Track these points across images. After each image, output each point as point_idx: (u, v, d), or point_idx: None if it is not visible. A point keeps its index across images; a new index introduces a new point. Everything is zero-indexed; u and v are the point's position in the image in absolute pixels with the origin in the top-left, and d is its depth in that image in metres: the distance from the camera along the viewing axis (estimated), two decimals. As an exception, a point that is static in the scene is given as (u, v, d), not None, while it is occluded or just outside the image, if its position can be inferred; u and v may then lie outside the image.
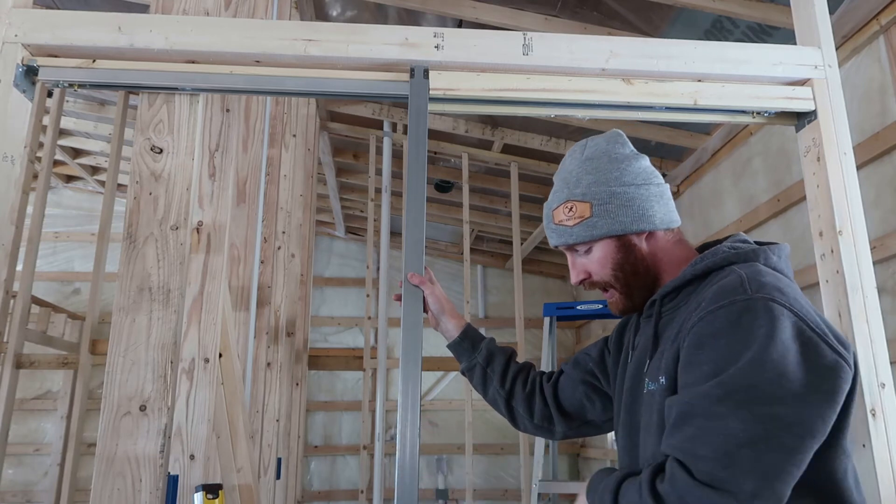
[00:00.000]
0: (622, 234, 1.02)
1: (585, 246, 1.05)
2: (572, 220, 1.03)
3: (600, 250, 1.03)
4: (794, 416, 0.80)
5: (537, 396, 1.26)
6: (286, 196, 2.94)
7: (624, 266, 1.02)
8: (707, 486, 0.78)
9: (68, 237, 6.01)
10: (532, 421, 1.27)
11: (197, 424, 1.45)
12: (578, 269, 1.07)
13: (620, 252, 1.03)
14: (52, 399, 5.44)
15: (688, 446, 0.82)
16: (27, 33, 1.33)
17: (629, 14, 2.81)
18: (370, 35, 1.40)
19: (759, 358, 0.81)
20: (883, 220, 2.30)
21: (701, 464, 0.80)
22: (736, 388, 0.81)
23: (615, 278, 1.03)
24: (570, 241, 1.05)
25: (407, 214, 1.34)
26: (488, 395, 1.31)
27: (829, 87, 1.45)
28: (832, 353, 0.84)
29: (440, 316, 1.31)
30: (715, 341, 0.85)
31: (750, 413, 0.80)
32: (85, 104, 4.64)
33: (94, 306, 3.42)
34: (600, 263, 1.04)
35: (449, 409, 5.82)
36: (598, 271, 1.05)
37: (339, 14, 3.30)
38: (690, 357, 0.87)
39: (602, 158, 1.06)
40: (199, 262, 1.52)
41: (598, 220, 1.02)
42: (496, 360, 1.30)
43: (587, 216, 1.02)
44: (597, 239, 1.03)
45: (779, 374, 0.81)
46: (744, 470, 0.78)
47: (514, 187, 4.41)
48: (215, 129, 1.59)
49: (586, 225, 1.02)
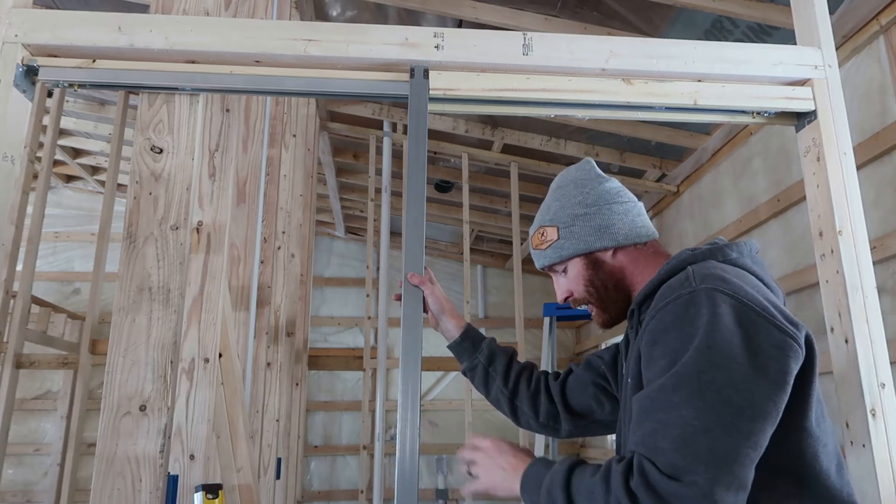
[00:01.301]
0: (589, 252, 1.10)
1: (561, 266, 1.14)
2: (544, 244, 1.14)
3: (573, 269, 1.13)
4: (745, 399, 0.82)
5: (542, 395, 1.28)
6: (286, 196, 2.94)
7: (594, 282, 1.10)
8: (672, 478, 0.79)
9: (68, 237, 6.01)
10: (537, 419, 1.28)
11: (197, 424, 1.44)
12: (561, 288, 1.16)
13: (589, 269, 1.11)
14: (52, 399, 5.44)
15: (650, 440, 0.84)
16: (27, 33, 1.33)
17: (629, 14, 2.81)
18: (370, 35, 1.40)
19: (704, 345, 0.84)
20: (883, 220, 2.30)
21: (663, 456, 0.81)
22: (687, 377, 0.84)
23: (589, 294, 1.12)
24: (544, 262, 1.15)
25: (407, 214, 1.34)
26: (491, 394, 1.31)
27: (829, 87, 1.45)
28: (779, 333, 0.86)
29: (440, 316, 1.31)
30: (665, 336, 0.88)
31: (702, 400, 0.82)
32: (85, 104, 4.64)
33: (94, 306, 3.42)
34: (575, 282, 1.13)
35: (449, 409, 5.82)
36: (575, 289, 1.13)
37: (339, 14, 3.30)
38: (647, 355, 0.91)
39: (569, 186, 1.16)
40: (199, 262, 1.52)
41: (565, 242, 1.11)
42: (498, 359, 1.30)
43: (555, 239, 1.12)
44: (566, 259, 1.12)
45: (726, 359, 0.83)
46: (701, 458, 0.80)
47: (514, 187, 4.41)
48: (215, 129, 1.59)
49: (556, 247, 1.12)
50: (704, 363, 0.83)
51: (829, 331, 1.36)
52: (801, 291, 2.80)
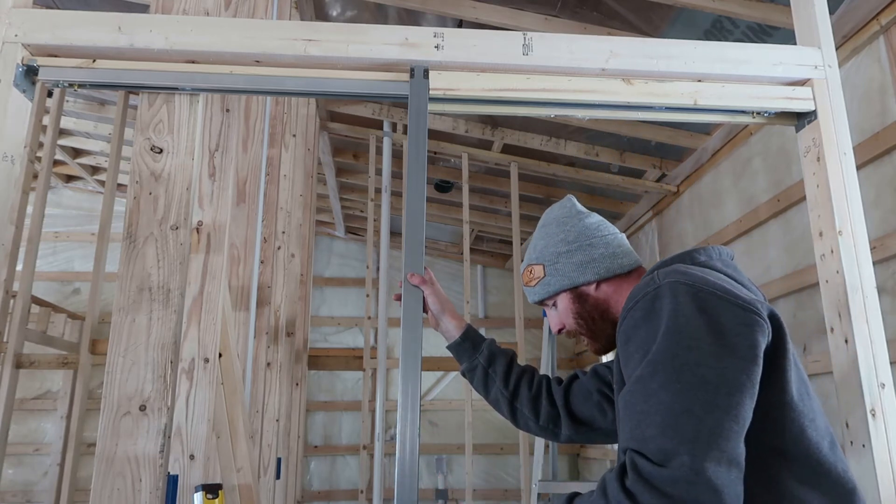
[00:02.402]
0: (574, 287, 1.15)
1: (550, 300, 1.19)
2: (533, 280, 1.20)
3: (562, 303, 1.18)
4: (718, 376, 0.84)
5: (544, 398, 1.29)
6: (286, 196, 2.94)
7: (582, 314, 1.15)
8: (661, 465, 0.80)
9: (68, 237, 6.01)
10: (537, 422, 1.29)
11: (197, 424, 1.45)
12: (553, 321, 1.21)
13: (576, 303, 1.16)
14: (52, 399, 5.44)
15: (637, 432, 0.85)
16: (27, 33, 1.33)
17: (629, 14, 2.81)
18: (370, 35, 1.40)
19: (671, 331, 0.87)
20: (883, 220, 2.30)
21: (651, 444, 0.82)
22: (659, 363, 0.86)
23: (579, 325, 1.16)
24: (534, 298, 1.21)
25: (407, 214, 1.34)
26: (490, 395, 1.31)
27: (829, 87, 1.45)
28: (742, 312, 0.89)
29: (440, 316, 1.31)
30: (636, 331, 0.92)
31: (678, 383, 0.84)
32: (85, 104, 4.64)
33: (94, 306, 3.42)
34: (565, 315, 1.18)
35: (449, 409, 5.82)
36: (566, 322, 1.18)
37: (339, 14, 3.30)
38: (623, 353, 0.94)
39: (551, 224, 1.21)
40: (199, 262, 1.52)
41: (551, 279, 1.17)
42: (498, 361, 1.30)
43: (542, 276, 1.18)
44: (553, 294, 1.17)
45: (694, 340, 0.86)
46: (686, 437, 0.80)
47: (514, 187, 4.41)
48: (215, 129, 1.59)
49: (543, 284, 1.18)
50: (675, 347, 0.86)
51: (829, 331, 1.36)
52: (801, 291, 2.80)
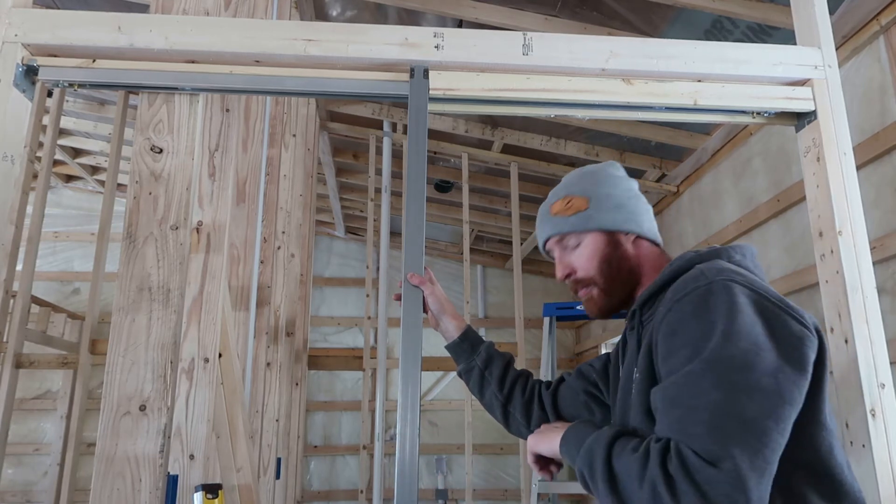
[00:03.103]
0: (613, 231, 1.09)
1: (576, 238, 1.11)
2: (569, 210, 1.11)
3: (589, 244, 1.10)
4: (772, 383, 0.83)
5: (536, 403, 1.28)
6: (286, 196, 2.94)
7: (611, 261, 1.08)
8: (709, 463, 0.79)
9: (68, 237, 6.01)
10: (528, 427, 1.28)
11: (196, 424, 1.44)
12: (564, 265, 1.13)
13: (608, 247, 1.09)
14: (52, 399, 5.44)
15: (681, 427, 0.84)
16: (27, 33, 1.33)
17: (629, 14, 2.81)
18: (370, 35, 1.40)
19: (729, 331, 0.85)
20: (883, 220, 2.30)
21: (697, 441, 0.81)
22: (714, 362, 0.84)
23: (600, 272, 1.09)
24: (564, 229, 1.11)
25: (407, 214, 1.34)
26: (485, 398, 1.31)
27: (829, 87, 1.45)
28: (796, 323, 0.88)
29: (440, 316, 1.31)
30: (686, 325, 0.89)
31: (731, 384, 0.82)
32: (85, 104, 4.64)
33: (93, 306, 3.42)
34: (587, 258, 1.09)
35: (449, 409, 5.82)
36: (583, 266, 1.10)
37: (339, 14, 3.30)
38: (666, 346, 0.91)
39: (600, 173, 1.16)
40: (199, 262, 1.52)
41: (594, 213, 1.09)
42: (495, 363, 1.30)
43: (584, 208, 1.10)
44: (589, 230, 1.09)
45: (752, 344, 0.84)
46: (735, 441, 0.80)
47: (513, 187, 4.41)
48: (215, 128, 1.59)
49: (582, 216, 1.10)
50: (733, 349, 0.84)
51: (829, 331, 1.36)
52: (801, 291, 2.80)
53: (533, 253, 5.85)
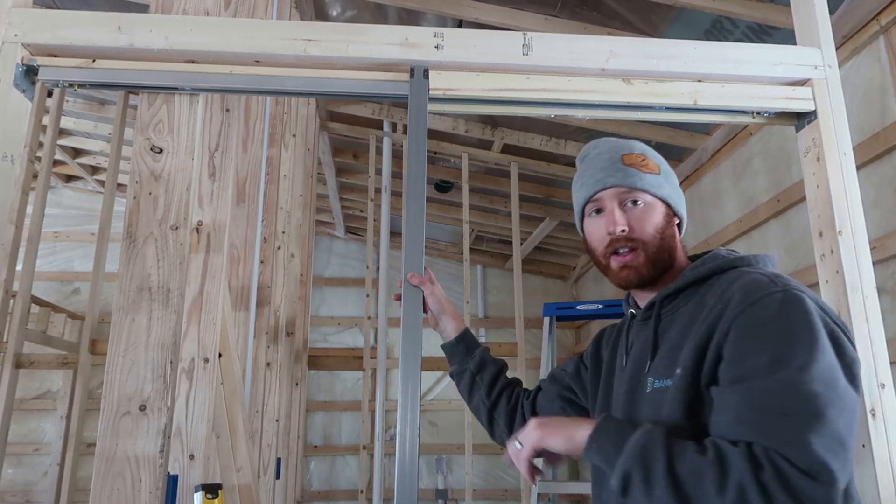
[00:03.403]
0: (673, 208, 1.07)
1: (643, 198, 1.04)
2: (645, 168, 1.06)
3: (654, 209, 1.04)
4: (851, 402, 0.82)
5: (518, 412, 1.27)
6: (286, 196, 2.94)
7: (664, 236, 1.04)
8: (809, 476, 0.77)
9: (68, 237, 6.01)
10: (510, 434, 1.27)
11: (197, 424, 1.44)
12: (623, 219, 1.03)
13: (665, 221, 1.05)
14: (52, 399, 5.44)
15: (772, 434, 0.80)
16: (27, 33, 1.33)
17: (629, 14, 2.81)
18: (370, 35, 1.40)
19: (812, 344, 0.83)
20: (883, 220, 2.30)
21: (793, 451, 0.78)
22: (804, 372, 0.81)
23: (654, 241, 1.03)
24: (636, 184, 1.04)
25: (407, 214, 1.34)
26: (472, 402, 1.31)
27: (829, 87, 1.45)
28: (851, 346, 0.88)
29: (440, 316, 1.31)
30: (762, 330, 0.86)
31: (825, 399, 0.80)
32: (85, 104, 4.64)
33: (93, 306, 3.42)
34: (649, 222, 1.03)
35: (449, 409, 5.82)
36: (643, 229, 1.03)
37: (339, 14, 3.30)
38: (740, 349, 0.87)
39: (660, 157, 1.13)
40: (199, 262, 1.52)
41: (665, 183, 1.07)
42: (487, 369, 1.30)
43: (657, 173, 1.06)
44: (657, 197, 1.05)
45: (830, 361, 0.83)
46: (833, 455, 0.78)
47: (513, 187, 4.41)
48: (215, 128, 1.59)
49: (656, 179, 1.06)
50: (820, 363, 0.82)
51: (828, 331, 1.36)
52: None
53: (533, 253, 5.85)
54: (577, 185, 1.12)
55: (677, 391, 0.91)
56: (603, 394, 1.11)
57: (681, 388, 0.90)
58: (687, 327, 0.95)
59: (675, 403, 0.90)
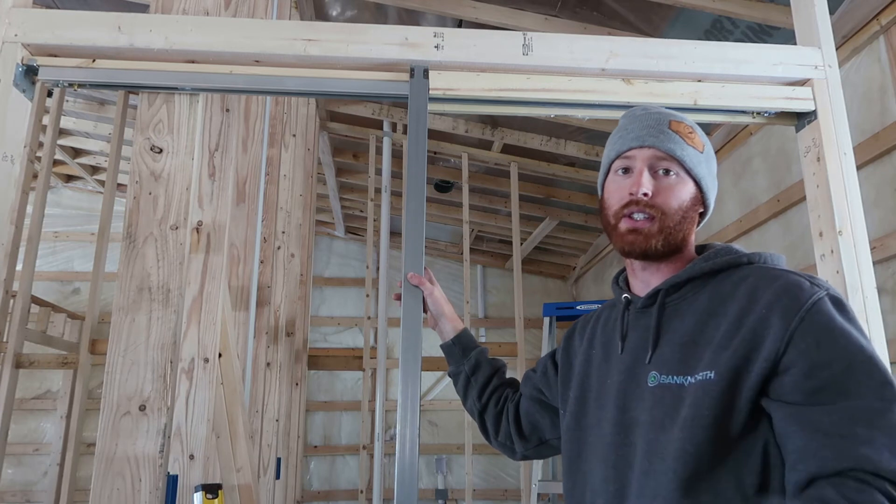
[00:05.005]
0: (702, 192, 1.01)
1: (677, 169, 0.99)
2: (689, 140, 1.00)
3: (684, 185, 0.99)
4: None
5: (504, 415, 1.26)
6: (286, 196, 2.94)
7: (687, 215, 0.99)
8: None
9: (68, 237, 6.01)
10: (497, 438, 1.27)
11: (196, 424, 1.44)
12: (650, 184, 0.98)
13: (691, 202, 0.99)
14: (52, 399, 5.44)
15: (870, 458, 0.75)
16: (27, 33, 1.33)
17: (629, 14, 2.81)
18: (370, 35, 1.40)
19: (873, 356, 0.82)
20: (883, 220, 2.30)
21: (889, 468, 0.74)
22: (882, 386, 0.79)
23: (674, 215, 0.97)
24: (676, 153, 0.99)
25: (407, 214, 1.34)
26: (467, 403, 1.31)
27: (829, 87, 1.45)
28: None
29: (439, 317, 1.31)
30: (830, 338, 0.82)
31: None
32: (85, 104, 4.64)
33: (93, 306, 3.42)
34: (675, 195, 0.98)
35: (449, 409, 5.82)
36: (667, 198, 0.98)
37: (339, 14, 3.30)
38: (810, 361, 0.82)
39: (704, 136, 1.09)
40: (199, 262, 1.52)
41: (703, 162, 1.01)
42: (481, 371, 1.29)
43: (700, 150, 1.01)
44: (692, 174, 1.00)
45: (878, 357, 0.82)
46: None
47: (513, 187, 4.41)
48: (215, 128, 1.59)
49: (697, 156, 1.00)
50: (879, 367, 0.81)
51: (828, 331, 1.36)
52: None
53: (533, 253, 5.86)
54: (613, 138, 1.05)
55: (706, 395, 0.85)
56: (579, 386, 1.05)
57: (712, 394, 0.84)
58: (704, 323, 0.90)
59: (701, 407, 0.84)
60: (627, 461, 0.92)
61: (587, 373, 1.05)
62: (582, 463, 0.99)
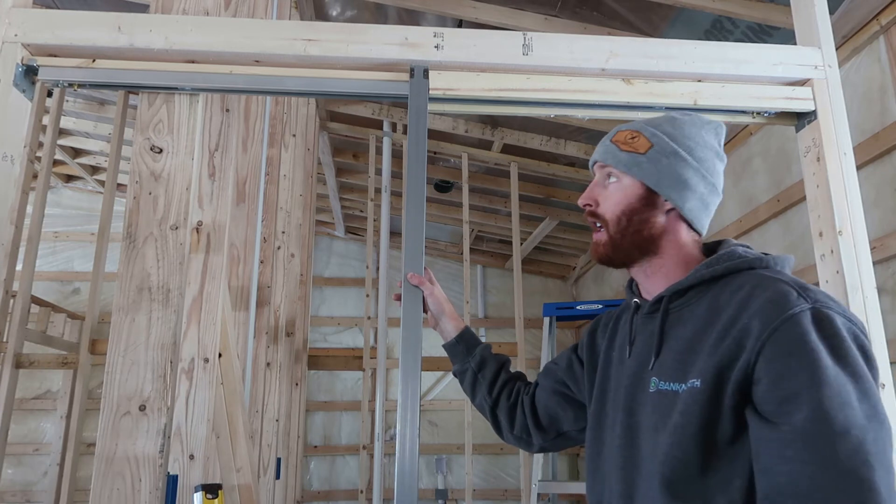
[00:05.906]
0: (653, 191, 1.00)
1: (617, 175, 1.02)
2: (627, 146, 1.02)
3: (625, 189, 1.01)
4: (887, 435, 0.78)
5: (518, 408, 1.26)
6: (286, 196, 2.94)
7: (632, 217, 1.00)
8: None
9: (68, 237, 6.01)
10: (512, 432, 1.27)
11: (196, 424, 1.44)
12: (594, 192, 1.04)
13: (640, 203, 1.00)
14: (52, 399, 5.44)
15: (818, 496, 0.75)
16: (27, 33, 1.33)
17: (629, 14, 2.81)
18: (370, 35, 1.40)
19: (867, 390, 0.79)
20: (883, 220, 2.30)
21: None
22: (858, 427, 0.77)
23: (617, 222, 1.01)
24: (608, 160, 1.03)
25: (407, 214, 1.34)
26: (476, 400, 1.31)
27: (829, 87, 1.45)
28: (874, 358, 0.83)
29: (439, 317, 1.31)
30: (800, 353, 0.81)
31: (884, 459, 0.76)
32: (85, 104, 4.64)
33: (93, 306, 3.42)
34: (615, 201, 1.01)
35: (449, 409, 5.82)
36: (607, 206, 1.02)
37: (339, 14, 3.30)
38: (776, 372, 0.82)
39: (696, 125, 1.05)
40: (199, 262, 1.52)
41: (646, 163, 1.01)
42: (488, 367, 1.29)
43: (641, 152, 1.01)
44: (631, 176, 1.01)
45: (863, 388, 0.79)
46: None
47: (513, 187, 4.41)
48: (215, 128, 1.59)
49: (634, 158, 1.01)
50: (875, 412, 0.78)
51: (828, 331, 1.36)
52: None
53: (533, 253, 5.86)
54: None
55: (694, 403, 0.86)
56: (600, 385, 1.07)
57: (699, 402, 0.85)
58: (701, 331, 0.90)
59: (689, 415, 0.86)
60: (634, 464, 0.94)
61: (607, 374, 1.07)
62: (602, 462, 1.02)
